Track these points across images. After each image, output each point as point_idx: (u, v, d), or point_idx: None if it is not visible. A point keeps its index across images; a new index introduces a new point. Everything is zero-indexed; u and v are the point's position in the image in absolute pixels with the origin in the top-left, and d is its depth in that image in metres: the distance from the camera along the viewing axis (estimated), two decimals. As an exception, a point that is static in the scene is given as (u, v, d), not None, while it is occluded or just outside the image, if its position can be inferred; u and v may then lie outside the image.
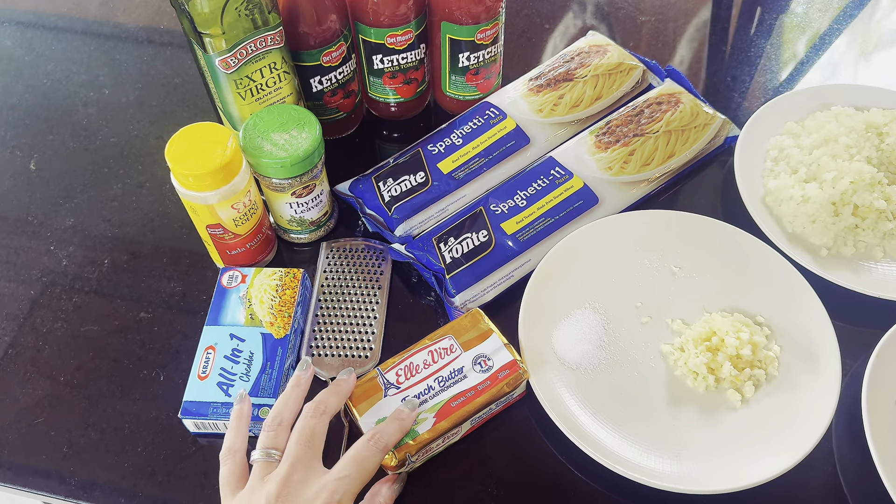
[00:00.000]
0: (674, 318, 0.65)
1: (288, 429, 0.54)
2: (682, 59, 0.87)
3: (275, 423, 0.53)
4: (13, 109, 0.84)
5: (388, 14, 0.69)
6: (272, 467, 0.51)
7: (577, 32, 0.88)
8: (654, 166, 0.72)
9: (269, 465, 0.52)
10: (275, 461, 0.52)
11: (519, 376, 0.59)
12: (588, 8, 0.92)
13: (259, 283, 0.65)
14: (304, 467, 0.50)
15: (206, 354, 0.61)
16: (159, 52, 0.89)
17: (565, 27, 0.90)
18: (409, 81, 0.76)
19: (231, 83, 0.64)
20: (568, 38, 0.87)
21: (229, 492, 0.52)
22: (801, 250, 0.68)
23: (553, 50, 0.86)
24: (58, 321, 0.68)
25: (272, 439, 0.53)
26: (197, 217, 0.63)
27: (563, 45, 0.84)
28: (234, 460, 0.53)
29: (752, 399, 0.61)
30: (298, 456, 0.51)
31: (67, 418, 0.63)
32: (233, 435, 0.54)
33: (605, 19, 0.91)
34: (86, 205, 0.76)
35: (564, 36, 0.89)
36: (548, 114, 0.76)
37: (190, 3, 0.59)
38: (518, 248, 0.67)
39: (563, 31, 0.90)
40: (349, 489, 0.50)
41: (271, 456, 0.52)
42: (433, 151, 0.74)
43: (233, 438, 0.54)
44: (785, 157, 0.73)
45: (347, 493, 0.49)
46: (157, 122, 0.82)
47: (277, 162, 0.62)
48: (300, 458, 0.51)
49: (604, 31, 0.88)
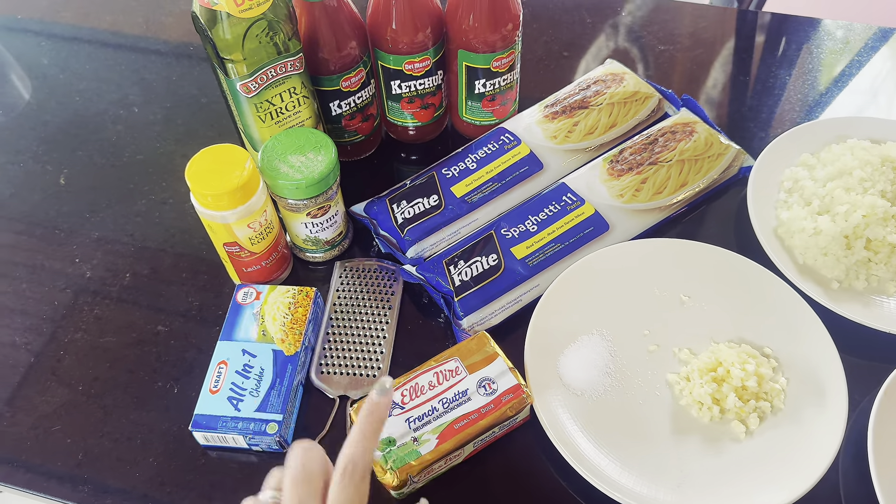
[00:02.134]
0: (681, 347, 0.65)
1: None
2: (700, 89, 0.87)
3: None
4: (46, 125, 0.87)
5: (406, 42, 0.71)
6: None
7: (596, 61, 0.89)
8: (667, 195, 0.73)
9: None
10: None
11: (523, 401, 0.59)
12: (608, 36, 0.93)
13: (273, 301, 0.66)
14: None
15: (219, 369, 0.63)
16: (187, 72, 0.91)
17: (584, 55, 0.91)
18: (427, 106, 0.78)
19: (252, 106, 0.66)
20: (586, 66, 0.88)
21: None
22: (812, 283, 0.68)
23: (571, 77, 0.87)
24: (79, 331, 0.70)
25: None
26: (214, 235, 0.65)
27: (581, 73, 0.85)
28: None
29: (757, 431, 0.61)
30: None
31: (83, 427, 0.65)
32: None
33: (624, 48, 0.92)
34: (111, 219, 0.78)
35: (583, 64, 0.90)
36: (562, 140, 0.77)
37: (213, 29, 0.61)
38: (527, 273, 0.68)
39: (582, 58, 0.91)
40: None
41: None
42: (447, 175, 0.75)
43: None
44: (799, 189, 0.73)
45: None
46: (182, 141, 0.84)
47: (293, 183, 0.64)
48: None
49: (623, 60, 0.89)
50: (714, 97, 0.86)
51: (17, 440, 0.64)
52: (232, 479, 0.61)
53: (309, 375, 0.66)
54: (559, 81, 0.89)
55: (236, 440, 0.61)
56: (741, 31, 0.94)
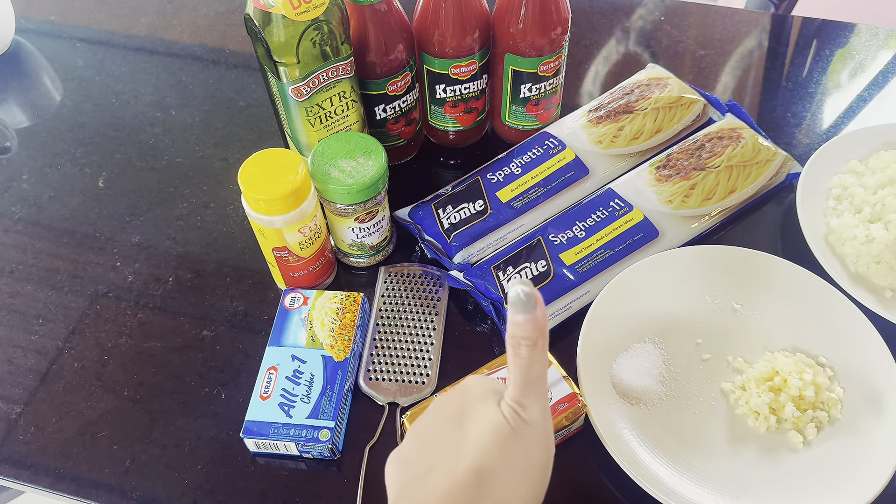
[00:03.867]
0: (735, 355, 0.65)
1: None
2: (741, 94, 0.86)
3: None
4: (83, 128, 0.87)
5: (453, 46, 0.70)
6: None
7: (637, 64, 0.89)
8: (716, 201, 0.72)
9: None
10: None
11: (578, 410, 0.59)
12: (647, 40, 0.92)
13: (320, 306, 0.66)
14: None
15: (269, 375, 0.62)
16: (224, 75, 0.91)
17: (625, 59, 0.90)
18: (470, 111, 0.77)
19: (301, 111, 0.66)
20: (627, 70, 0.88)
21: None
22: (865, 291, 0.67)
23: (612, 81, 0.87)
24: (122, 336, 0.70)
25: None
26: (264, 239, 0.65)
27: (623, 77, 0.84)
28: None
29: (815, 441, 0.60)
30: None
31: (130, 433, 0.64)
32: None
33: (664, 52, 0.91)
34: (151, 223, 0.78)
35: (624, 67, 0.89)
36: (607, 145, 0.76)
37: (266, 31, 0.60)
38: (577, 280, 0.67)
39: (623, 62, 0.90)
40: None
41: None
42: (492, 180, 0.75)
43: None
44: (848, 196, 0.72)
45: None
46: (221, 144, 0.84)
47: (344, 188, 0.63)
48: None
49: (663, 64, 0.88)
50: (756, 102, 0.86)
51: (63, 447, 0.64)
52: (283, 487, 0.60)
53: (357, 382, 0.65)
54: (600, 86, 0.88)
55: (288, 447, 0.60)
56: (779, 35, 0.93)
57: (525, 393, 0.44)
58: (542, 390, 0.45)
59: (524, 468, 0.44)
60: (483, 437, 0.43)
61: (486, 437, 0.43)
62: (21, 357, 0.69)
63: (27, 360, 0.69)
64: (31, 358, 0.69)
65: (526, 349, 0.43)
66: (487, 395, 0.46)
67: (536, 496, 0.45)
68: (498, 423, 0.43)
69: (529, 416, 0.44)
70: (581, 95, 0.87)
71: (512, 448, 0.43)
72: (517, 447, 0.43)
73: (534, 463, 0.44)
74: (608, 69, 0.90)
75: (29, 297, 0.73)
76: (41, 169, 0.83)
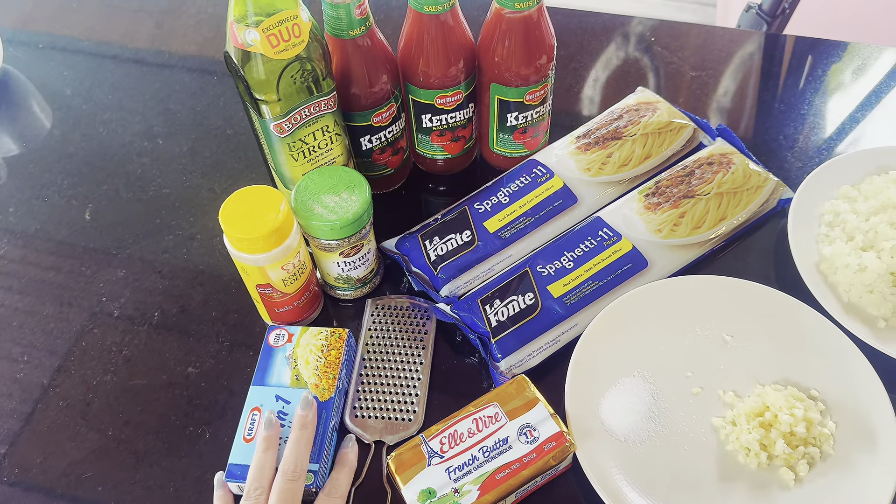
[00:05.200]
0: (725, 389, 0.64)
1: (268, 492, 0.56)
2: (732, 115, 0.86)
3: (255, 492, 0.56)
4: (70, 158, 0.87)
5: (438, 76, 0.69)
6: None
7: (627, 86, 0.88)
8: (706, 229, 0.71)
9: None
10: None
11: (566, 449, 0.58)
12: (637, 62, 0.91)
13: (305, 343, 0.65)
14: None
15: (252, 416, 0.61)
16: (212, 102, 0.90)
17: (614, 82, 0.90)
18: (457, 139, 0.76)
19: (284, 146, 0.65)
20: (617, 93, 0.87)
21: None
22: (858, 321, 0.66)
23: (602, 104, 0.86)
24: (108, 373, 0.69)
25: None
26: (248, 277, 0.64)
27: (613, 100, 0.83)
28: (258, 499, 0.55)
29: (807, 478, 0.59)
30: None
31: (115, 473, 0.63)
32: (256, 473, 0.56)
33: (654, 74, 0.90)
34: (138, 256, 0.77)
35: (614, 90, 0.88)
36: (596, 172, 0.76)
37: (246, 68, 0.60)
38: (565, 312, 0.67)
39: (612, 85, 0.89)
40: None
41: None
42: (479, 210, 0.74)
43: (257, 479, 0.56)
44: (840, 223, 0.71)
45: None
46: (208, 174, 0.83)
47: (327, 224, 0.63)
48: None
49: (653, 87, 0.87)
50: (748, 124, 0.85)
51: (48, 487, 0.63)
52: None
53: (343, 419, 0.64)
54: (589, 110, 0.87)
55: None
56: (771, 54, 0.92)
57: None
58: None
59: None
60: None
61: None
62: (5, 397, 0.68)
63: (12, 399, 0.68)
64: (15, 397, 0.68)
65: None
66: None
67: None
68: None
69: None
70: (570, 119, 0.86)
71: None
72: None
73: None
74: (597, 92, 0.89)
75: (14, 333, 0.72)
76: (28, 201, 0.83)
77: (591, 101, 0.88)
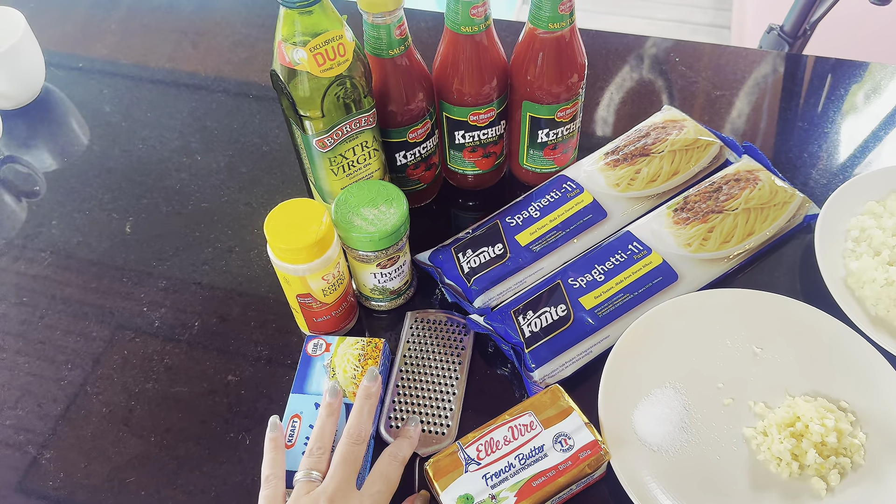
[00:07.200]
0: (756, 400, 0.65)
1: (328, 453, 0.59)
2: (756, 134, 0.87)
3: (317, 449, 0.59)
4: (110, 173, 0.89)
5: (472, 94, 0.72)
6: (314, 486, 0.57)
7: (652, 105, 0.90)
8: (734, 244, 0.73)
9: (311, 484, 0.57)
10: (317, 481, 0.57)
11: (601, 457, 0.59)
12: (662, 81, 0.94)
13: (342, 353, 0.67)
14: (346, 486, 0.57)
15: (293, 423, 0.63)
16: (248, 120, 0.93)
17: (640, 99, 0.92)
18: (488, 155, 0.78)
19: (325, 160, 0.67)
20: (643, 111, 0.89)
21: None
22: (886, 334, 0.67)
23: (629, 122, 0.88)
24: (149, 381, 0.71)
25: (315, 462, 0.58)
26: (289, 287, 0.66)
27: (639, 118, 0.85)
28: (276, 484, 0.58)
29: (838, 488, 0.60)
30: (343, 476, 0.57)
31: (157, 479, 0.65)
32: (270, 464, 0.59)
33: (679, 93, 0.92)
34: (177, 268, 0.79)
35: (640, 108, 0.90)
36: (625, 188, 0.77)
37: (291, 85, 0.62)
38: (597, 324, 0.68)
39: (637, 104, 0.91)
40: (383, 501, 0.58)
41: (313, 476, 0.58)
42: (511, 224, 0.76)
43: (271, 467, 0.59)
44: (867, 238, 0.72)
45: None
46: (246, 189, 0.85)
47: (367, 236, 0.64)
48: (344, 479, 0.57)
49: (678, 105, 0.89)
50: (771, 143, 0.86)
51: (91, 492, 0.65)
52: (307, 534, 0.61)
53: (378, 429, 0.66)
54: (616, 128, 0.89)
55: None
56: (793, 74, 0.94)
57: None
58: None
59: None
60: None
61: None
62: (50, 402, 0.70)
63: (56, 405, 0.70)
64: (60, 402, 0.70)
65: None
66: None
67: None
68: None
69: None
70: (598, 137, 0.88)
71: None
72: None
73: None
74: (624, 110, 0.91)
75: (59, 341, 0.74)
76: (70, 214, 0.85)
77: (619, 119, 0.90)
